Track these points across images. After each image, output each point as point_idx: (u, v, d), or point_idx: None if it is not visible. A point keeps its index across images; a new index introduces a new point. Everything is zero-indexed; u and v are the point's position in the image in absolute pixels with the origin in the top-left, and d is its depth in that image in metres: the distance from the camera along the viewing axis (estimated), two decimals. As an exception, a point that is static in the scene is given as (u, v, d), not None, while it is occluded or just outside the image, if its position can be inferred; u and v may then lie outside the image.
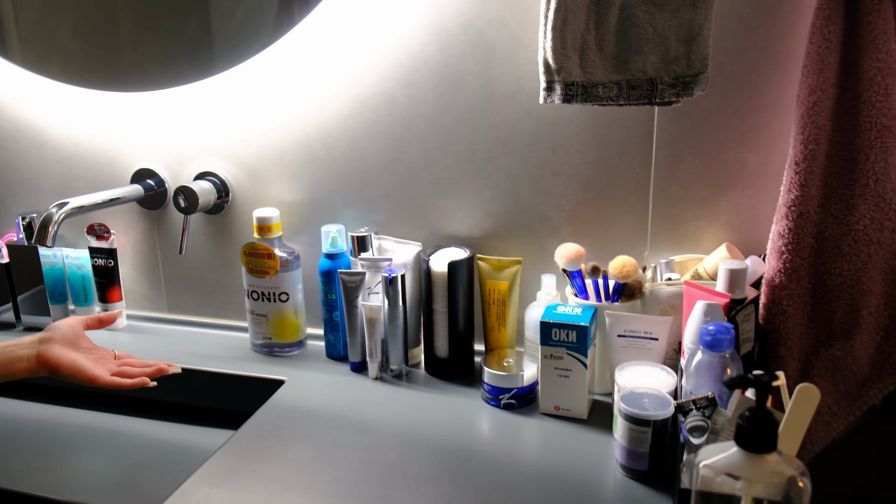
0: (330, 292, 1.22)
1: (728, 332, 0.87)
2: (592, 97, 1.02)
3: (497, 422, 1.07)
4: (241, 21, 1.26)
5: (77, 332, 1.05)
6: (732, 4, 1.03)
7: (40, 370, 1.00)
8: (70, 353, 1.01)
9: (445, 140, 1.19)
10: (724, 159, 1.09)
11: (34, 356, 0.99)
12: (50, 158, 1.42)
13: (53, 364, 0.99)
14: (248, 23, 1.26)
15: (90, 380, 1.00)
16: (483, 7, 1.11)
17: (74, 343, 1.03)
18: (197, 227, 1.36)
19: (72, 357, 1.00)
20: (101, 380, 1.01)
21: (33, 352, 1.00)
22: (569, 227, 1.18)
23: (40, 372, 1.00)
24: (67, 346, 1.02)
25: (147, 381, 1.03)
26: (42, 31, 1.38)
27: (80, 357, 1.02)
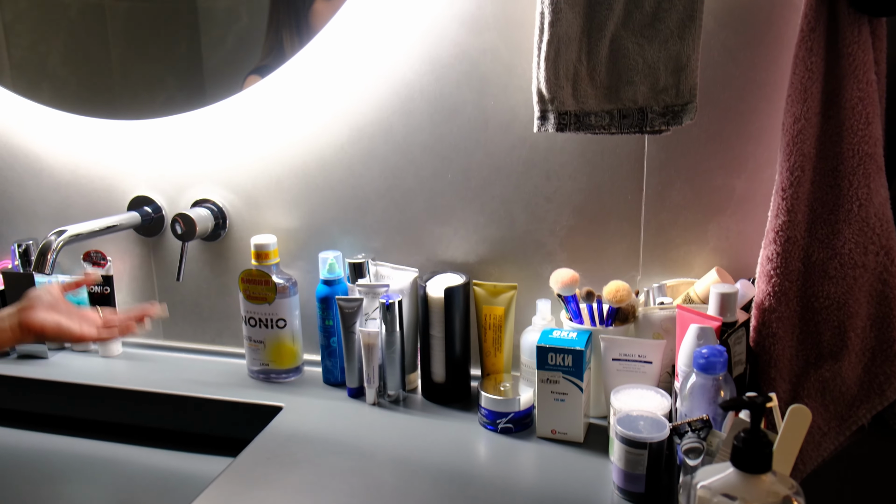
0: (327, 318, 1.24)
1: (721, 355, 0.90)
2: (585, 126, 1.04)
3: (494, 446, 1.08)
4: (232, 47, 1.29)
5: (55, 296, 1.05)
6: (718, 36, 1.06)
7: (26, 337, 0.99)
8: (53, 314, 1.01)
9: (441, 167, 1.21)
10: (712, 185, 1.12)
11: (17, 325, 0.99)
12: (46, 185, 1.43)
13: (38, 328, 0.99)
14: (239, 50, 1.28)
15: (77, 338, 1.01)
16: (477, 38, 1.14)
17: (55, 306, 1.03)
18: (194, 254, 1.37)
19: (55, 318, 1.00)
20: (88, 336, 1.02)
21: (15, 321, 0.99)
22: (562, 252, 1.20)
23: (26, 339, 0.99)
24: (49, 309, 1.02)
25: (133, 327, 1.05)
26: (33, 56, 1.40)
27: (63, 318, 1.02)
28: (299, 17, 1.22)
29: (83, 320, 1.04)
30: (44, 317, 1.00)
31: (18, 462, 1.21)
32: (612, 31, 1.01)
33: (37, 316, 1.00)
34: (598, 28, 1.01)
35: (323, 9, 1.21)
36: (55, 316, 1.01)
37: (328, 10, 1.20)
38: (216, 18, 1.29)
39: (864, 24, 0.95)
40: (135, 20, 1.33)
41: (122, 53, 1.35)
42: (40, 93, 1.38)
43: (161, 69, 1.35)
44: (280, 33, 1.24)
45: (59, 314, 1.02)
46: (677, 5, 0.99)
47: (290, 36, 1.23)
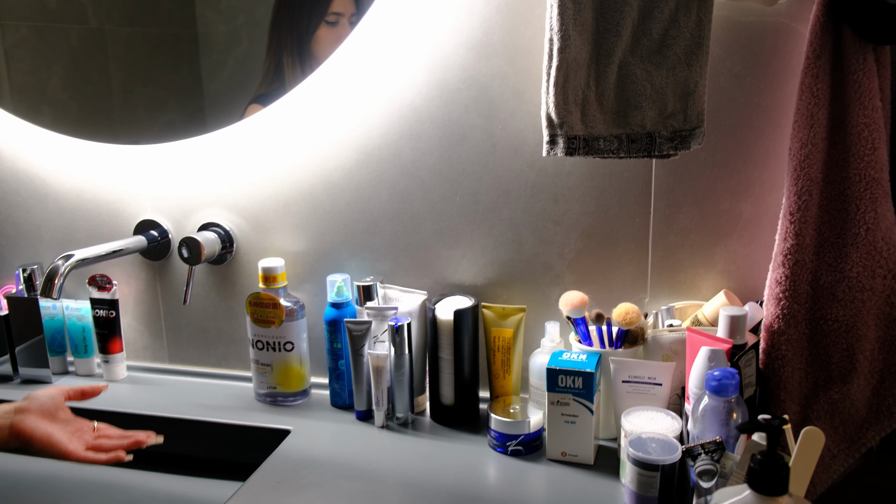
0: (335, 341, 1.24)
1: (733, 378, 0.90)
2: (594, 150, 1.05)
3: (505, 468, 1.08)
4: (232, 72, 1.30)
5: (57, 402, 1.01)
6: (725, 62, 1.08)
7: (12, 441, 0.94)
8: (46, 424, 0.96)
9: (449, 191, 1.22)
10: (720, 209, 1.13)
11: (7, 426, 0.94)
12: (51, 210, 1.43)
13: (27, 436, 0.94)
14: (240, 74, 1.30)
15: (63, 454, 0.95)
16: (485, 63, 1.16)
17: (52, 414, 0.99)
18: (200, 278, 1.37)
19: (46, 430, 0.96)
20: (74, 455, 0.96)
21: (7, 422, 0.94)
22: (571, 275, 1.21)
23: (11, 443, 0.94)
24: (44, 417, 0.98)
25: (122, 456, 0.99)
26: (34, 81, 1.40)
27: (56, 430, 0.97)
28: (301, 43, 1.23)
29: (75, 435, 1.00)
30: (36, 424, 0.96)
31: (22, 488, 1.20)
32: (620, 57, 1.03)
33: (30, 422, 0.95)
34: (606, 54, 1.02)
35: (326, 35, 1.22)
36: (48, 427, 0.97)
37: (331, 36, 1.21)
38: (216, 43, 1.30)
39: (869, 52, 0.96)
40: (135, 45, 1.34)
41: (123, 78, 1.36)
42: (41, 117, 1.38)
43: (161, 93, 1.36)
44: (281, 59, 1.25)
45: (54, 424, 0.98)
46: (685, 32, 1.00)
47: (291, 62, 1.24)
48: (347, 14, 1.21)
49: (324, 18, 1.22)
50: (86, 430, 1.02)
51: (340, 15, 1.21)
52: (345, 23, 1.21)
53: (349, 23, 1.20)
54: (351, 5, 1.21)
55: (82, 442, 0.99)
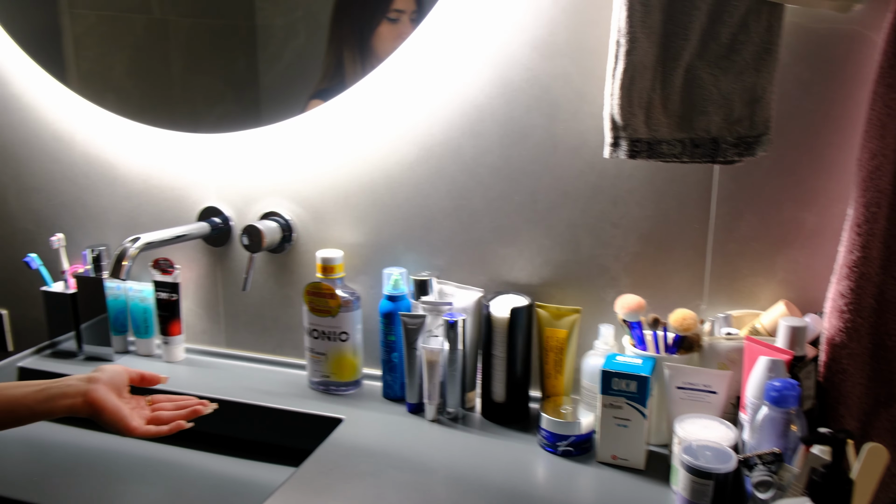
0: (390, 333, 1.25)
1: (794, 389, 0.89)
2: (657, 154, 1.05)
3: (554, 469, 1.09)
4: (288, 64, 1.32)
5: (123, 379, 1.04)
6: (794, 69, 1.07)
7: (83, 409, 0.97)
8: (115, 398, 0.99)
9: (508, 189, 1.23)
10: (782, 218, 1.12)
11: (81, 394, 0.97)
12: (119, 194, 1.47)
13: (99, 406, 0.97)
14: (295, 68, 1.32)
15: (128, 430, 0.98)
16: (549, 63, 1.16)
17: (119, 390, 1.02)
18: (259, 265, 1.40)
19: (116, 403, 0.98)
20: (137, 431, 0.99)
21: (81, 389, 0.97)
22: (627, 278, 1.20)
23: (82, 412, 0.97)
24: (114, 391, 1.00)
25: (182, 424, 1.02)
26: (100, 68, 1.45)
27: (123, 405, 1.00)
28: (363, 39, 1.25)
29: (135, 411, 1.02)
30: (108, 396, 0.98)
31: (84, 461, 1.24)
32: (686, 61, 1.02)
33: (102, 393, 0.98)
34: (673, 58, 1.02)
35: (388, 32, 1.23)
36: (117, 401, 0.99)
37: (392, 33, 1.22)
38: (273, 36, 1.32)
39: (947, 63, 0.94)
40: (196, 36, 1.38)
41: (183, 68, 1.40)
42: (105, 104, 1.43)
43: (219, 84, 1.39)
44: (342, 55, 1.26)
45: (120, 399, 1.01)
46: (754, 38, 0.99)
47: (352, 58, 1.26)
48: (409, 11, 1.22)
49: (385, 15, 1.23)
50: (143, 406, 1.05)
51: (402, 12, 1.22)
52: (406, 20, 1.22)
53: (410, 20, 1.21)
54: (412, 3, 1.22)
55: (143, 418, 1.02)
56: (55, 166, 1.50)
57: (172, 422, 1.03)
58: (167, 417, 1.03)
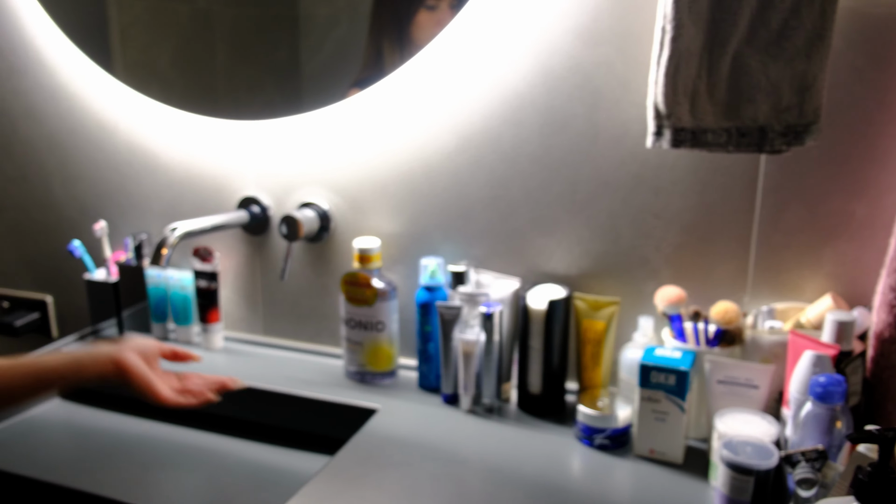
0: (426, 324, 1.25)
1: (840, 385, 0.87)
2: (701, 143, 1.03)
3: (590, 462, 1.07)
4: (330, 53, 1.32)
5: (153, 350, 1.06)
6: (846, 56, 1.03)
7: (112, 374, 0.98)
8: (144, 365, 1.01)
9: (548, 179, 1.21)
10: (830, 209, 1.09)
11: (110, 359, 0.98)
12: (160, 182, 1.49)
13: (127, 370, 0.98)
14: (336, 57, 1.31)
15: (156, 397, 1.00)
16: (592, 51, 1.14)
17: (149, 359, 1.03)
18: (297, 254, 1.41)
19: (145, 369, 1.00)
20: (166, 399, 1.01)
21: (111, 353, 0.99)
22: (668, 270, 1.18)
23: (111, 375, 0.99)
24: (143, 359, 1.02)
25: (210, 396, 1.04)
26: (145, 59, 1.46)
27: (151, 372, 1.02)
28: (401, 27, 1.24)
29: (164, 380, 1.04)
30: (137, 362, 1.00)
31: (123, 447, 1.26)
32: (734, 47, 0.99)
33: (131, 359, 1.00)
34: (720, 44, 0.99)
35: (426, 20, 1.22)
36: (146, 368, 1.01)
37: (431, 21, 1.21)
38: (316, 25, 1.33)
39: None
40: (240, 25, 1.38)
41: (227, 57, 1.41)
42: (150, 92, 1.44)
43: (261, 73, 1.39)
44: (381, 44, 1.26)
45: (150, 368, 1.02)
46: (806, 23, 0.96)
47: (390, 47, 1.25)
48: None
49: (423, 3, 1.22)
50: (172, 379, 1.07)
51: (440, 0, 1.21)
52: (445, 7, 1.21)
53: (450, 7, 1.20)
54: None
55: (172, 388, 1.04)
56: (99, 155, 1.52)
57: (201, 394, 1.05)
58: (196, 390, 1.05)
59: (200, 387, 1.06)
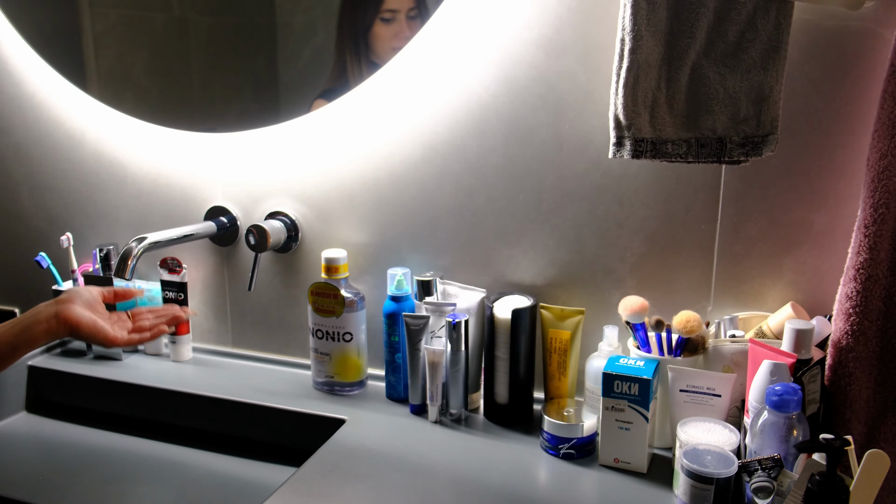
0: (393, 334, 1.25)
1: (795, 394, 0.87)
2: (661, 154, 1.04)
3: (556, 471, 1.08)
4: (308, 62, 1.32)
5: (95, 297, 1.06)
6: (802, 68, 1.05)
7: (61, 330, 0.99)
8: (90, 313, 1.02)
9: (513, 189, 1.22)
10: (790, 219, 1.10)
11: (53, 315, 0.99)
12: (129, 193, 1.48)
13: (74, 322, 0.99)
14: (314, 65, 1.31)
15: (110, 341, 1.01)
16: (555, 62, 1.15)
17: (92, 306, 1.04)
18: (265, 265, 1.40)
19: (91, 317, 1.01)
20: (119, 340, 1.03)
21: (52, 311, 0.99)
22: (632, 279, 1.19)
23: (61, 332, 0.99)
24: (86, 307, 1.03)
25: (164, 329, 1.07)
26: (119, 67, 1.45)
27: (99, 318, 1.03)
28: (357, 39, 1.24)
29: (116, 324, 1.06)
30: (81, 312, 1.01)
31: (88, 459, 1.25)
32: (692, 59, 1.00)
33: (74, 310, 1.00)
34: (678, 56, 1.00)
35: (382, 31, 1.22)
36: (92, 315, 1.02)
37: (387, 33, 1.22)
38: (293, 34, 1.32)
39: (959, 60, 0.92)
40: (216, 34, 1.38)
41: (203, 66, 1.40)
42: (124, 102, 1.43)
43: (238, 82, 1.39)
44: (344, 55, 1.26)
45: (95, 314, 1.03)
46: (762, 35, 0.98)
47: (350, 58, 1.25)
48: (404, 10, 1.21)
49: (378, 15, 1.22)
50: (123, 319, 1.08)
51: (396, 11, 1.21)
52: (402, 18, 1.21)
53: (408, 18, 1.21)
54: (408, 1, 1.21)
55: (124, 329, 1.06)
56: (67, 165, 1.51)
57: (154, 328, 1.07)
58: (148, 325, 1.07)
59: (152, 321, 1.08)
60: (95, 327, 1.01)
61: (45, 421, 1.38)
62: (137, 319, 1.10)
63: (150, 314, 1.12)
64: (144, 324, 1.08)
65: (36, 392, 1.43)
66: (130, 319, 1.10)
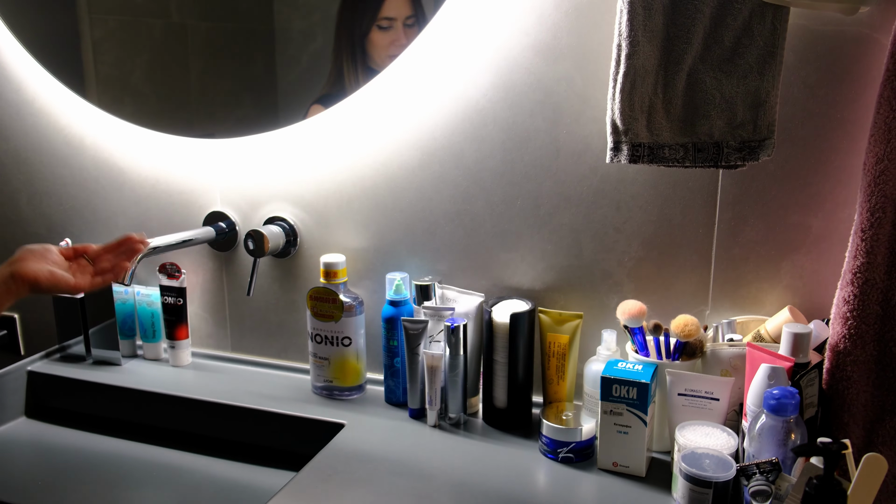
0: (392, 339, 1.25)
1: (793, 397, 0.88)
2: (658, 158, 1.04)
3: (554, 475, 1.08)
4: (306, 67, 1.32)
5: (47, 248, 1.05)
6: (799, 72, 1.05)
7: (21, 289, 0.98)
8: (44, 265, 1.01)
9: (511, 194, 1.22)
10: (788, 223, 1.10)
11: (9, 276, 0.98)
12: (127, 199, 1.48)
13: (31, 277, 0.98)
14: (313, 70, 1.32)
15: (73, 287, 1.01)
16: (552, 67, 1.15)
17: (45, 257, 1.03)
18: (264, 270, 1.41)
19: (47, 268, 1.00)
20: (83, 285, 1.02)
21: (7, 272, 0.98)
22: (630, 283, 1.19)
23: (22, 291, 0.98)
24: (40, 260, 1.01)
25: (125, 265, 1.07)
26: (118, 73, 1.45)
27: (55, 268, 1.01)
28: (354, 46, 1.24)
29: (78, 271, 1.05)
30: (36, 267, 1.00)
31: (88, 464, 1.25)
32: (689, 64, 1.01)
33: (29, 266, 0.99)
34: (675, 61, 1.01)
35: (379, 38, 1.23)
36: (47, 266, 1.01)
37: (384, 40, 1.22)
38: (291, 39, 1.33)
39: (954, 65, 0.92)
40: (214, 39, 1.38)
41: (201, 72, 1.40)
42: (123, 108, 1.43)
43: (237, 87, 1.39)
44: (341, 61, 1.27)
45: (50, 265, 1.02)
46: (758, 41, 0.98)
47: (347, 64, 1.26)
48: (401, 18, 1.22)
49: (375, 23, 1.23)
50: (83, 265, 1.07)
51: (393, 19, 1.22)
52: (399, 27, 1.22)
53: (405, 26, 1.21)
54: (406, 8, 1.21)
55: (86, 273, 1.05)
56: (66, 171, 1.51)
57: (116, 268, 1.06)
58: (110, 266, 1.07)
59: (112, 261, 1.08)
60: (54, 277, 1.00)
61: (44, 426, 1.38)
62: (98, 262, 1.08)
63: (109, 253, 1.09)
64: (105, 265, 1.07)
65: (35, 397, 1.43)
66: (91, 264, 1.08)
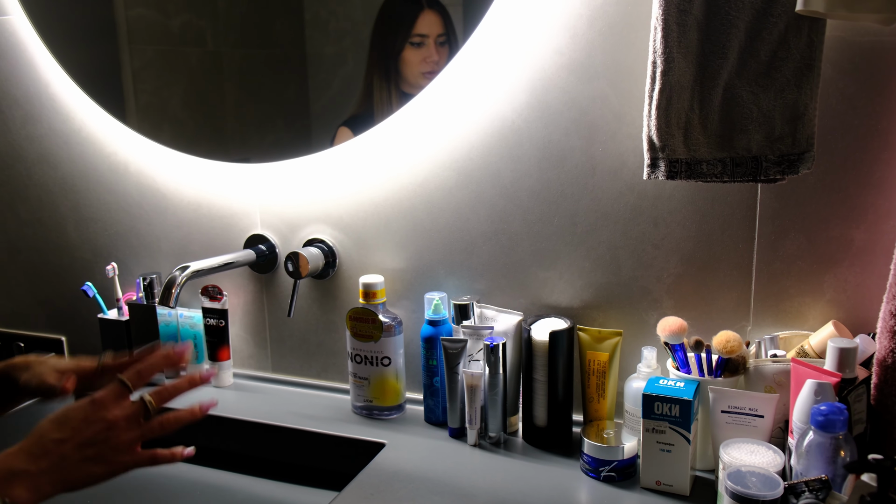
0: (431, 358, 1.26)
1: (841, 413, 0.86)
2: (696, 174, 1.04)
3: (597, 494, 1.07)
4: (338, 91, 1.34)
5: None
6: (837, 84, 1.04)
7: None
8: None
9: (548, 213, 1.22)
10: (829, 236, 1.09)
11: None
12: (170, 223, 1.52)
13: None
14: (344, 94, 1.34)
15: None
16: (587, 86, 1.16)
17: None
18: (304, 291, 1.42)
19: None
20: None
21: None
22: (669, 300, 1.19)
23: None
24: None
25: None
26: (157, 101, 1.50)
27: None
28: (388, 65, 1.26)
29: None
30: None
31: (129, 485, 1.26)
32: (725, 79, 1.01)
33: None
34: (711, 76, 1.01)
35: (411, 56, 1.24)
36: None
37: (416, 57, 1.24)
38: (323, 64, 1.35)
39: None
40: (248, 66, 1.42)
41: (236, 98, 1.44)
42: (161, 134, 1.47)
43: (271, 112, 1.42)
44: (371, 80, 1.28)
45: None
46: (794, 54, 0.98)
47: (379, 83, 1.27)
48: (433, 35, 1.23)
49: (408, 40, 1.24)
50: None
51: (425, 36, 1.23)
52: (431, 43, 1.23)
53: (437, 43, 1.23)
54: (438, 26, 1.23)
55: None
56: (110, 197, 1.55)
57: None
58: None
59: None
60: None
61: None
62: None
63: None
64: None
65: (82, 419, 1.45)
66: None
